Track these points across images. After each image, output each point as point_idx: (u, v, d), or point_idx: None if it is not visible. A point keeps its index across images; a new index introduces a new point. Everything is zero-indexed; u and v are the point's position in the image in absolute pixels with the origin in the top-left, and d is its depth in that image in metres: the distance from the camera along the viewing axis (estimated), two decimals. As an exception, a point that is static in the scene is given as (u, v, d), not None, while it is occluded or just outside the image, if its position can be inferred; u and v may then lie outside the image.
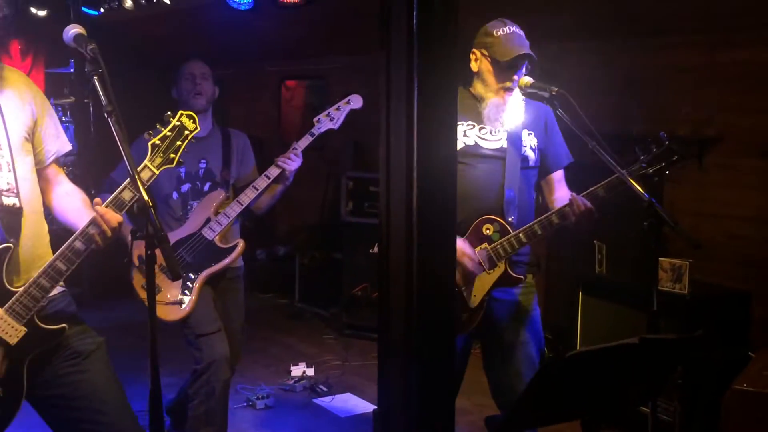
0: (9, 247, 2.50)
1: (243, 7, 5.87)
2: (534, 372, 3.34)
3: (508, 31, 3.23)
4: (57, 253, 2.48)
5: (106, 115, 2.27)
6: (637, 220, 2.98)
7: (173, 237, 3.81)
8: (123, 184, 2.42)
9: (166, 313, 3.73)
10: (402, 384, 1.49)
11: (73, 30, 2.45)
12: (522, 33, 3.26)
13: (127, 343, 6.01)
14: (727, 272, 4.74)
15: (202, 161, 3.94)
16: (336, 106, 3.92)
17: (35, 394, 2.58)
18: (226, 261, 3.85)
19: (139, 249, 3.68)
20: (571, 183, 3.46)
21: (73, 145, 7.92)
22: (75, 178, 6.90)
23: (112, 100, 2.30)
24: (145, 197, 2.21)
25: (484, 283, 3.22)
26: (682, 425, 4.02)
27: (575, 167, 3.48)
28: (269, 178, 3.81)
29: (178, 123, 2.51)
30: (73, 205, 2.71)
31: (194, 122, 2.53)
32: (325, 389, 5.35)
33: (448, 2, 1.41)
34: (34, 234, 2.61)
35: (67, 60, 7.93)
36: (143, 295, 3.64)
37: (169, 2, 6.80)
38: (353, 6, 6.16)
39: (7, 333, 2.46)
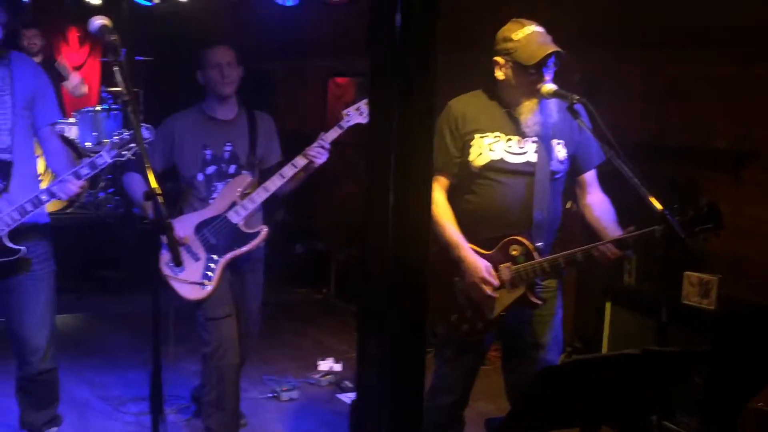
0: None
1: (288, 3, 5.94)
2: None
3: (528, 32, 3.12)
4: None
5: (123, 105, 2.35)
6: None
7: (197, 217, 3.88)
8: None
9: (188, 292, 3.82)
10: (375, 379, 1.53)
11: (97, 21, 2.55)
12: (542, 29, 3.15)
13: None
14: (759, 289, 4.66)
15: (228, 144, 3.98)
16: (366, 100, 3.94)
17: None
18: (249, 246, 3.91)
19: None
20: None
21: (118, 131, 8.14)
22: (130, 162, 7.06)
23: (129, 89, 2.39)
24: (154, 185, 2.28)
25: (503, 300, 3.22)
26: (699, 441, 3.98)
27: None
28: (296, 168, 3.86)
29: None
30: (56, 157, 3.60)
31: None
32: (350, 385, 5.38)
33: (429, 16, 1.45)
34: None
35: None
36: (167, 274, 3.76)
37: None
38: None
39: None
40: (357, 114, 3.93)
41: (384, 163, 1.48)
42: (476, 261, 3.19)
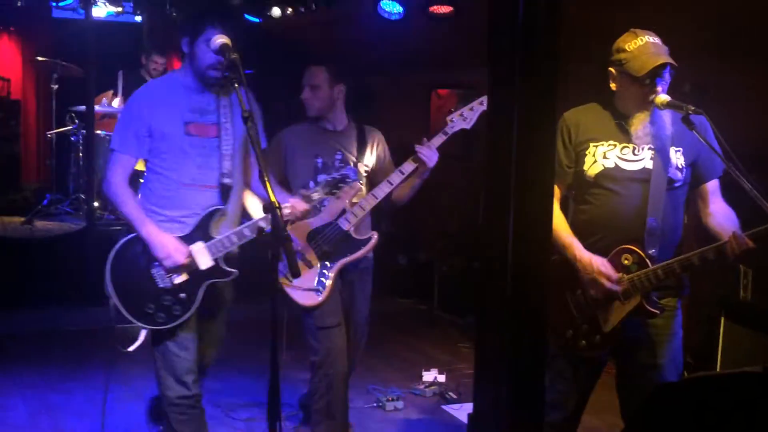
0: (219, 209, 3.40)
1: (394, 17, 6.01)
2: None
3: (641, 43, 3.10)
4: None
5: (243, 120, 2.43)
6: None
7: (309, 225, 3.98)
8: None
9: (303, 299, 3.91)
10: (494, 392, 1.53)
11: (219, 40, 2.65)
12: (657, 40, 3.12)
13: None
14: None
15: (338, 153, 4.09)
16: (469, 106, 3.95)
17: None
18: (362, 252, 3.99)
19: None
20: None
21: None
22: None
23: (251, 106, 2.47)
24: (273, 198, 2.35)
25: (618, 312, 3.18)
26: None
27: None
28: (403, 174, 3.91)
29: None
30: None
31: None
32: (454, 396, 5.37)
33: (550, 35, 1.46)
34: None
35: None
36: (283, 281, 3.86)
37: (328, 9, 7.06)
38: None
39: (201, 260, 3.30)
40: (461, 120, 3.94)
41: (504, 177, 1.48)
42: (591, 256, 3.16)
